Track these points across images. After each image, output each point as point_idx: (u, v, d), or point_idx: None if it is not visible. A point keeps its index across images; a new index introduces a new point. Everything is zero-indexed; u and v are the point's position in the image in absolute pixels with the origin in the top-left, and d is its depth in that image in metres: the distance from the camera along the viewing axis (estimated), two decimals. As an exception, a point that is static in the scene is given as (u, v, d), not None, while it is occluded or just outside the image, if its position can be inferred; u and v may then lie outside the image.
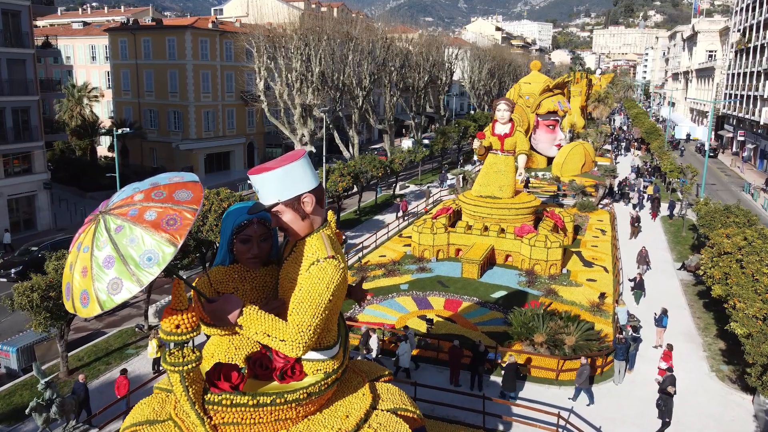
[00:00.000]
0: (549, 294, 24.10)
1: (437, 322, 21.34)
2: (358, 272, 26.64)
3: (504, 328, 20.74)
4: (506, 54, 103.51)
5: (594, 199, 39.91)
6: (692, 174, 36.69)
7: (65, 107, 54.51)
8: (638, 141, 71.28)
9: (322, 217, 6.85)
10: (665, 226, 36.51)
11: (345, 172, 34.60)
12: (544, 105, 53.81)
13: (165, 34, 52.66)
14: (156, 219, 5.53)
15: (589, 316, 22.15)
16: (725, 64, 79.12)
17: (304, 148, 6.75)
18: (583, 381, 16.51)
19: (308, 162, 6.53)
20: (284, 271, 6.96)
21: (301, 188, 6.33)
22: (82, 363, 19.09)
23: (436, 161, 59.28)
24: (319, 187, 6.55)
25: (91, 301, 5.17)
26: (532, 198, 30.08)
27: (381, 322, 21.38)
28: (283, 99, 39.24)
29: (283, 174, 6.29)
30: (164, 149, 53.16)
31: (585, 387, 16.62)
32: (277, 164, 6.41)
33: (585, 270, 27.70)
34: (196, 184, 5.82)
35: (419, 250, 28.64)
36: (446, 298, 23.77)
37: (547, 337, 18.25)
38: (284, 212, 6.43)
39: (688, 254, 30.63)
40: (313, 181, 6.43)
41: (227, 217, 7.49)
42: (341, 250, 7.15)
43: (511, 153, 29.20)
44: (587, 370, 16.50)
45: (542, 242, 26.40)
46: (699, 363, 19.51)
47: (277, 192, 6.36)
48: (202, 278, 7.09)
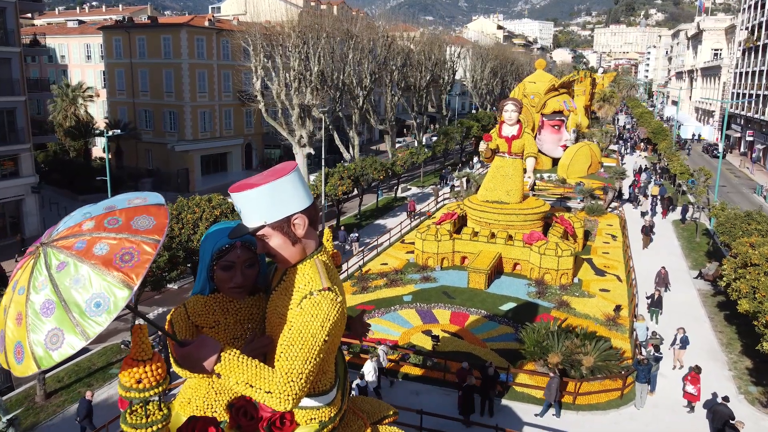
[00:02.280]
0: (561, 306, 22.75)
1: (443, 338, 19.99)
2: (359, 282, 25.29)
3: (515, 344, 19.40)
4: (508, 53, 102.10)
5: (603, 202, 38.53)
6: (705, 177, 35.28)
7: (59, 107, 53.23)
8: (644, 141, 69.86)
9: (317, 240, 5.49)
10: (678, 231, 35.12)
11: (345, 175, 33.25)
12: (549, 105, 52.48)
13: (160, 32, 51.29)
14: (108, 254, 4.14)
15: (605, 330, 20.81)
16: (732, 62, 77.66)
17: (295, 161, 5.07)
18: (552, 394, 15.59)
19: (300, 177, 5.20)
20: (272, 303, 5.59)
21: (291, 208, 5.00)
22: (62, 385, 17.76)
23: (438, 162, 57.89)
24: (313, 206, 5.23)
25: (25, 356, 3.85)
26: (541, 203, 28.69)
27: (383, 338, 20.03)
28: (281, 99, 37.85)
29: (269, 191, 4.95)
30: (160, 150, 51.77)
31: (554, 400, 15.76)
32: (263, 180, 5.09)
33: (597, 279, 26.34)
34: (160, 209, 4.48)
35: (423, 258, 27.29)
36: (452, 310, 22.41)
37: (563, 357, 16.89)
38: (271, 236, 5.10)
39: (704, 261, 29.26)
40: (305, 199, 5.11)
41: (206, 240, 6.11)
42: (339, 278, 5.75)
43: (519, 156, 27.84)
44: (556, 383, 15.63)
45: (552, 250, 25.05)
46: (725, 384, 18.13)
47: (262, 213, 5.02)
48: (179, 310, 5.72)
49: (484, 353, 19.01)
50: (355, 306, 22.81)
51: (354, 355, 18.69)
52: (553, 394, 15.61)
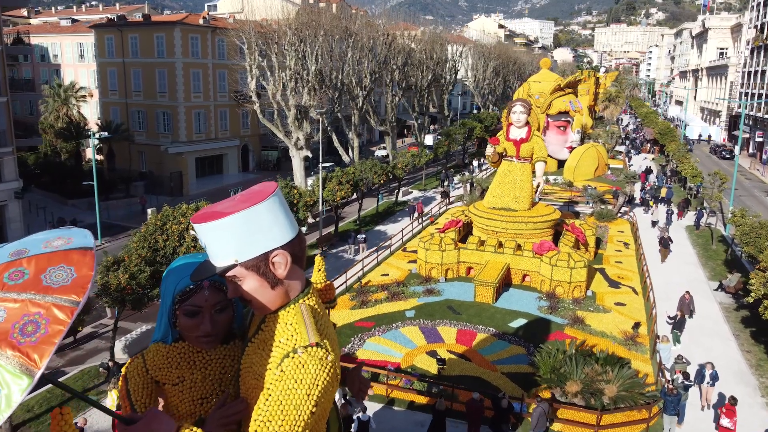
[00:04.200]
0: (575, 323, 21.18)
1: (449, 360, 18.40)
2: (358, 295, 23.70)
3: (528, 368, 17.83)
4: (510, 52, 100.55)
5: (613, 207, 36.94)
6: (721, 181, 33.67)
7: (51, 108, 51.64)
8: (650, 142, 68.27)
9: (302, 280, 3.93)
10: (692, 238, 33.51)
11: (344, 179, 31.66)
12: (555, 105, 50.97)
13: (153, 30, 49.69)
14: (3, 324, 2.70)
15: (624, 351, 19.23)
16: (740, 61, 76.05)
17: (275, 182, 3.16)
18: (538, 424, 14.04)
19: (280, 202, 3.65)
20: (247, 359, 4.03)
21: (270, 242, 3.51)
22: (32, 415, 16.17)
23: (440, 164, 56.29)
24: (297, 240, 3.70)
25: None
26: (551, 210, 27.11)
27: (384, 360, 18.46)
28: (276, 100, 36.23)
29: (241, 222, 3.45)
30: (153, 152, 50.16)
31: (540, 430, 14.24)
32: (234, 207, 3.55)
33: (611, 292, 24.77)
34: (85, 255, 2.93)
35: (426, 268, 25.72)
36: (458, 328, 20.83)
37: (582, 385, 15.32)
38: (245, 278, 3.59)
39: (723, 271, 27.68)
40: (287, 230, 3.59)
41: (167, 276, 4.52)
42: (330, 324, 4.12)
43: (528, 160, 26.28)
44: (540, 412, 14.09)
45: (565, 261, 23.47)
46: (759, 413, 16.55)
47: (233, 249, 3.52)
48: (136, 362, 4.18)
49: (495, 378, 17.45)
50: (354, 323, 21.26)
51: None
52: (540, 424, 14.03)
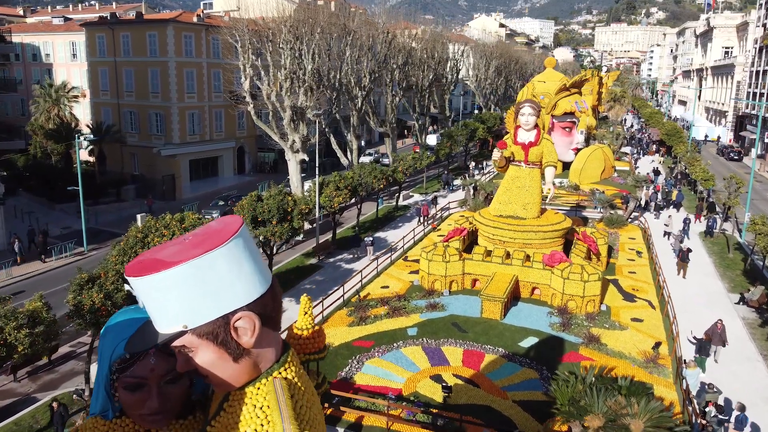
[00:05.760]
0: (590, 342, 19.63)
1: (456, 386, 16.86)
2: (356, 310, 22.15)
3: (541, 395, 16.31)
4: (512, 51, 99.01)
5: (624, 212, 35.39)
6: (737, 185, 32.11)
7: (41, 108, 50.09)
8: (656, 143, 66.73)
9: (277, 346, 2.42)
10: (707, 246, 31.94)
11: (342, 185, 30.10)
12: (560, 105, 49.36)
13: (145, 28, 48.11)
14: None
15: (644, 374, 17.71)
16: (747, 60, 74.50)
17: (239, 216, 1.32)
18: None
19: (245, 245, 2.13)
20: None
21: (231, 302, 2.11)
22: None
23: (441, 167, 54.73)
24: (270, 295, 2.23)
25: None
26: (561, 218, 25.55)
27: (384, 386, 16.91)
28: (271, 101, 34.65)
29: (192, 274, 2.05)
30: (145, 154, 48.59)
31: None
32: (183, 253, 2.08)
33: (627, 306, 23.23)
34: None
35: (429, 280, 24.16)
36: (464, 348, 19.28)
37: (605, 420, 13.75)
38: (198, 349, 2.19)
39: (743, 283, 26.14)
40: (255, 283, 2.13)
41: (105, 336, 3.00)
42: (315, 398, 2.52)
43: (537, 165, 24.73)
44: None
45: (578, 274, 21.91)
46: (798, 447, 15.04)
47: (180, 311, 2.12)
48: None
49: (506, 407, 15.90)
50: (352, 342, 19.72)
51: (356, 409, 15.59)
52: None
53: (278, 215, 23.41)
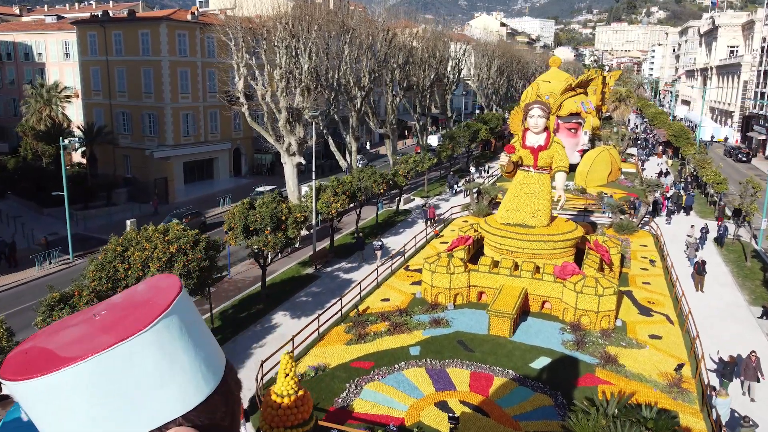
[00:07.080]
0: (607, 363, 18.20)
1: (463, 415, 15.42)
2: (355, 327, 20.71)
3: (558, 426, 14.86)
4: (513, 50, 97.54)
5: (633, 217, 33.95)
6: (754, 189, 30.65)
7: (32, 109, 48.67)
8: (663, 144, 65.29)
9: None
10: (722, 254, 30.47)
11: (339, 190, 28.65)
12: (565, 106, 47.76)
13: (138, 27, 46.67)
14: None
15: (668, 400, 16.25)
16: (755, 59, 73.05)
17: (176, 277, 0.91)
18: None
19: (182, 323, 0.86)
20: None
21: (159, 412, 1.01)
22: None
23: (443, 169, 53.28)
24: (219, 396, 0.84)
25: None
26: (573, 227, 24.12)
27: (385, 414, 15.47)
28: (266, 101, 33.19)
29: (99, 374, 1.03)
30: (138, 156, 47.15)
31: None
32: (88, 341, 0.99)
33: (643, 321, 21.79)
34: None
35: (432, 293, 22.72)
36: (471, 370, 17.83)
37: (632, 460, 12.36)
38: None
39: (764, 294, 24.69)
40: (197, 381, 0.89)
41: None
42: None
43: (547, 170, 23.31)
44: None
45: (591, 288, 20.49)
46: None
47: (83, 426, 1.04)
48: None
49: (519, 440, 14.49)
50: (350, 363, 18.27)
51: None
52: None
53: (272, 224, 21.99)
